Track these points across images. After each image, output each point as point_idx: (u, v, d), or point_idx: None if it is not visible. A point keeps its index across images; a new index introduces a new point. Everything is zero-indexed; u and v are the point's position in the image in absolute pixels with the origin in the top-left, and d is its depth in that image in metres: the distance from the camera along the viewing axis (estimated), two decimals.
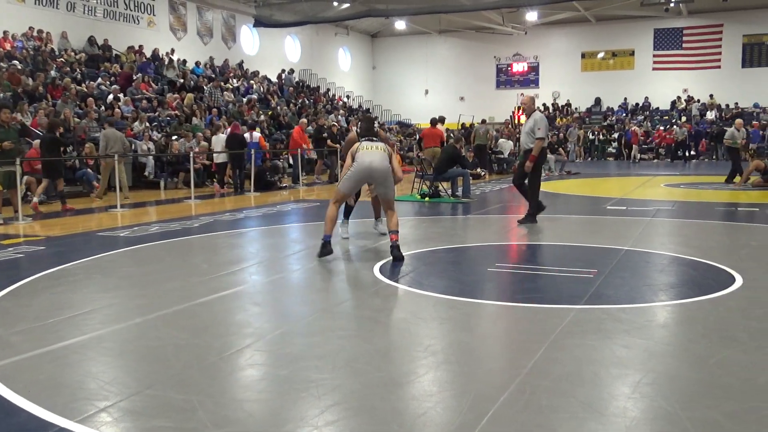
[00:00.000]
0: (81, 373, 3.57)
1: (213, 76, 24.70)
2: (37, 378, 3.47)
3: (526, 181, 9.24)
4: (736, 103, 30.39)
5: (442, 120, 16.99)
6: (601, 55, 33.46)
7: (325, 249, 6.65)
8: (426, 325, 4.44)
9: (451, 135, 20.11)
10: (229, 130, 17.08)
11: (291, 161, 19.66)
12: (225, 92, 23.23)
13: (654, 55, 32.15)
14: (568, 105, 33.84)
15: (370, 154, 6.80)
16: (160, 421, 2.93)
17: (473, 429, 2.81)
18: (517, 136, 23.53)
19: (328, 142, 18.97)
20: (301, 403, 3.13)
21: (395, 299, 5.24)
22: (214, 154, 16.32)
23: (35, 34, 19.27)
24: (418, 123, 30.50)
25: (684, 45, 31.60)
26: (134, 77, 20.10)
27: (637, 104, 32.89)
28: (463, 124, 29.17)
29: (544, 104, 34.10)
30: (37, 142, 13.10)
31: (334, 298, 5.33)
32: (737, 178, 15.30)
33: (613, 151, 30.41)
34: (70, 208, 11.65)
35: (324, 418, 2.94)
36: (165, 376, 3.48)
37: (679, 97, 31.99)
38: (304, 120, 20.90)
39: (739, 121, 16.81)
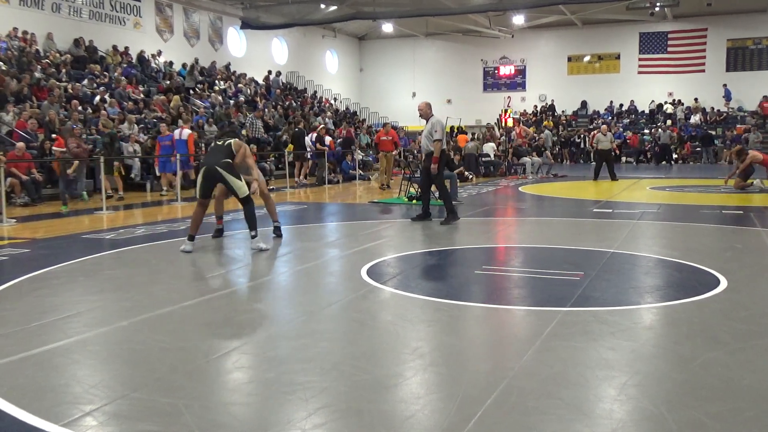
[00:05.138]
0: (66, 377, 3.54)
1: (199, 77, 24.58)
2: (21, 382, 3.44)
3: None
4: (718, 110, 30.72)
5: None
6: (587, 58, 33.64)
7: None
8: (413, 328, 4.44)
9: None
10: (317, 136, 18.88)
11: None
12: (212, 94, 23.12)
13: (639, 59, 32.34)
14: (553, 108, 33.98)
15: None
16: (146, 424, 2.91)
17: (461, 431, 2.81)
18: (499, 140, 23.98)
19: (317, 144, 19.09)
20: (288, 406, 3.12)
21: (382, 302, 5.23)
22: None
23: (20, 34, 19.09)
24: (406, 125, 30.51)
25: (669, 49, 31.82)
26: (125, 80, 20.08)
27: (622, 106, 33.09)
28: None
29: (534, 106, 34.28)
30: (20, 144, 12.99)
31: (321, 301, 5.31)
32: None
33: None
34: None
35: (311, 421, 2.94)
36: (151, 379, 3.46)
37: (653, 102, 32.19)
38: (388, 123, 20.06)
39: (604, 126, 19.49)
